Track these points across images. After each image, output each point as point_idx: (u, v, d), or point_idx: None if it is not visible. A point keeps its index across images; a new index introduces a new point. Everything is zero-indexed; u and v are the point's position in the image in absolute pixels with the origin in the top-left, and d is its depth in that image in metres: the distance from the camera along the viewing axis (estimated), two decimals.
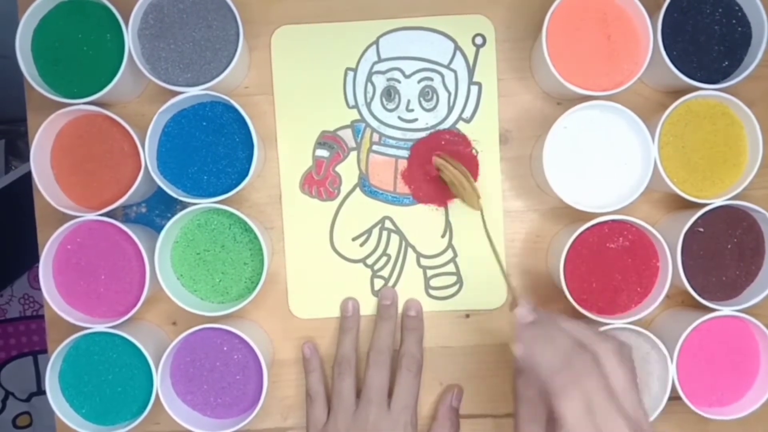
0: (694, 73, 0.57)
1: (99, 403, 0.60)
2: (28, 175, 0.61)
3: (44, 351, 1.24)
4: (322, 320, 0.64)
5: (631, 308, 0.59)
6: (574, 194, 0.59)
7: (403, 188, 0.63)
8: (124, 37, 0.57)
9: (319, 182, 0.63)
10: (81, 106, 0.58)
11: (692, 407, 0.57)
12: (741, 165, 0.58)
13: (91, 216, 0.58)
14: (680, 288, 0.58)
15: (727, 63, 0.58)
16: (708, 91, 0.57)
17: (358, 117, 0.63)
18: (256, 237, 0.59)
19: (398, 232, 0.64)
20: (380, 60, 0.63)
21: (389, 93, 0.62)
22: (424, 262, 0.64)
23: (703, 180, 0.58)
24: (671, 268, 0.57)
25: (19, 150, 1.28)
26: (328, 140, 0.63)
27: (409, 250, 0.64)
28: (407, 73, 0.62)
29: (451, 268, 0.64)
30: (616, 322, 0.57)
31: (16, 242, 1.11)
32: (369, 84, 0.63)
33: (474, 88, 0.63)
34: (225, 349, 0.60)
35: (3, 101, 0.98)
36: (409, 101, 0.63)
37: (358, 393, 0.60)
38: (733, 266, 0.59)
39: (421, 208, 0.64)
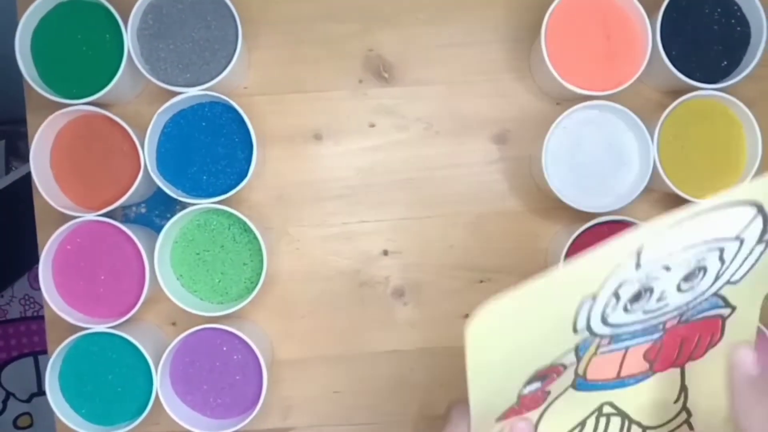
0: (693, 72, 0.57)
1: (99, 404, 0.60)
2: (27, 176, 0.61)
3: (45, 351, 1.24)
4: (321, 321, 0.64)
5: None
6: (573, 194, 0.59)
7: (628, 370, 0.46)
8: (124, 37, 0.57)
9: (519, 411, 0.45)
10: (80, 106, 0.58)
11: None
12: (740, 165, 0.58)
13: (91, 216, 0.58)
14: None
15: (726, 63, 0.58)
16: (707, 91, 0.57)
17: (587, 335, 0.41)
18: (255, 237, 0.59)
19: (620, 413, 0.48)
20: (639, 266, 0.38)
21: (639, 295, 0.39)
22: None
23: (702, 180, 0.58)
24: None
25: (19, 150, 1.28)
26: (541, 375, 0.43)
27: (633, 426, 0.49)
28: (672, 266, 0.39)
29: (684, 430, 0.49)
30: None
31: (16, 243, 1.11)
32: (613, 298, 0.39)
33: (759, 248, 0.40)
34: (225, 349, 0.60)
35: (3, 101, 0.98)
36: (663, 292, 0.40)
37: None
38: None
39: (649, 382, 0.47)
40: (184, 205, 0.62)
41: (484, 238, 0.65)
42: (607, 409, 0.48)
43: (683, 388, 0.49)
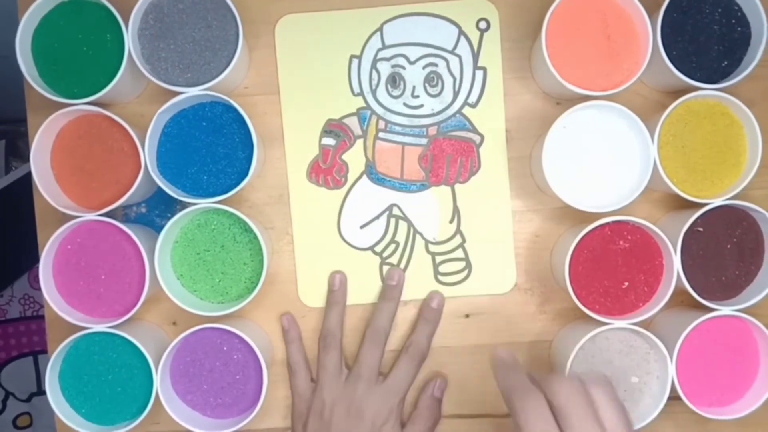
0: (693, 72, 0.57)
1: (99, 403, 0.60)
2: (28, 176, 0.61)
3: (44, 351, 1.24)
4: (321, 321, 0.64)
5: (639, 307, 0.59)
6: (573, 194, 0.59)
7: (410, 175, 0.63)
8: (124, 37, 0.57)
9: (326, 171, 0.64)
10: (81, 106, 0.58)
11: (692, 407, 0.57)
12: (740, 165, 0.58)
13: (91, 216, 0.58)
14: (680, 288, 0.58)
15: (726, 63, 0.58)
16: (707, 91, 0.57)
17: (363, 104, 0.63)
18: (255, 237, 0.59)
19: (406, 219, 0.64)
20: (384, 47, 0.63)
21: (394, 80, 0.62)
22: (432, 248, 0.64)
23: (703, 180, 0.58)
24: (675, 266, 0.57)
25: (19, 150, 1.28)
26: (334, 128, 0.63)
27: (417, 237, 0.64)
28: (412, 59, 0.63)
29: (459, 253, 0.64)
30: (617, 323, 0.57)
31: (16, 243, 1.11)
32: (374, 71, 0.63)
33: (479, 73, 0.63)
34: (225, 348, 0.60)
35: (3, 101, 0.98)
36: (414, 87, 0.63)
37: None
38: (732, 266, 0.59)
39: (428, 194, 0.64)
40: (184, 205, 0.62)
41: None
42: (396, 212, 0.63)
43: (456, 210, 0.63)
